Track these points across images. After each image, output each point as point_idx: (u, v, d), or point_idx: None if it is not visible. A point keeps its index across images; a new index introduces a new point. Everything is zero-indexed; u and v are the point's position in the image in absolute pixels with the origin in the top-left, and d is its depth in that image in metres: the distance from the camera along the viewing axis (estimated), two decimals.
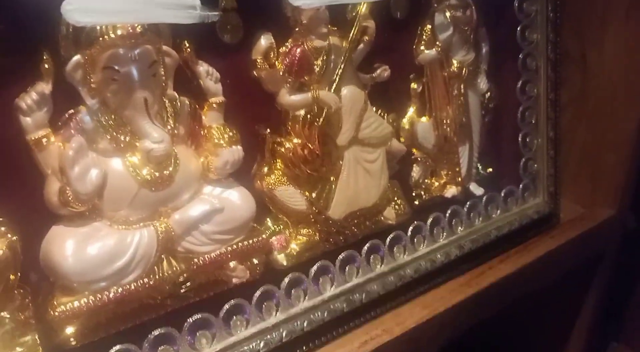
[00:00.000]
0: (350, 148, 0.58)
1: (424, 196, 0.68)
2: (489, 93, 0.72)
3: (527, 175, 0.72)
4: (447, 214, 0.65)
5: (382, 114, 0.62)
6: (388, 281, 0.59)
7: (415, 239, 0.62)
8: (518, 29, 0.68)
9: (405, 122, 0.65)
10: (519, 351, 0.95)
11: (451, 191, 0.69)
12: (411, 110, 0.65)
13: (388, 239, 0.60)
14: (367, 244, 0.58)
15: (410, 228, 0.62)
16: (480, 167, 0.73)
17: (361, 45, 0.57)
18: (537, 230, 0.73)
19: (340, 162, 0.58)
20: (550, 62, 0.69)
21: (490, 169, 0.73)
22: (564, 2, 0.75)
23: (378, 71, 0.60)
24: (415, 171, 0.67)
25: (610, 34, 0.74)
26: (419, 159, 0.67)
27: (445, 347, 0.62)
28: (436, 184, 0.69)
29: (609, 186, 0.79)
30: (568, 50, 0.79)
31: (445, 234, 0.65)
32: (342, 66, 0.55)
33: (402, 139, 0.65)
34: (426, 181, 0.68)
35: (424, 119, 0.66)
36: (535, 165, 0.73)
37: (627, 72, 0.73)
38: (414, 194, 0.67)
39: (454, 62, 0.66)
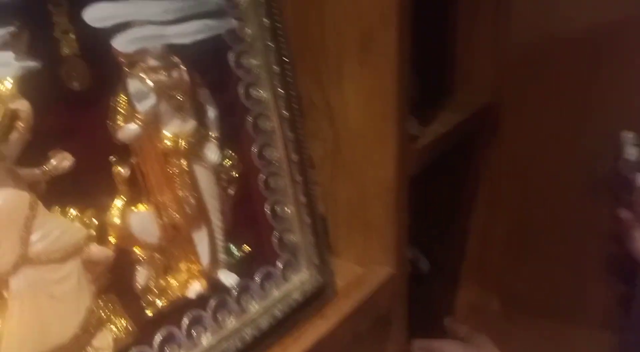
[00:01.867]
0: (20, 272, 0.42)
1: (159, 303, 0.54)
2: (229, 162, 0.61)
3: (284, 250, 0.62)
4: (185, 324, 0.52)
5: (72, 213, 0.47)
6: None
7: None
8: (240, 88, 0.58)
9: (112, 216, 0.51)
10: None
11: (194, 289, 0.56)
12: (120, 201, 0.52)
13: None
14: None
15: None
16: (233, 248, 0.62)
17: (14, 134, 0.43)
18: (307, 311, 0.63)
19: (5, 295, 0.42)
20: (286, 120, 0.61)
21: (248, 248, 0.62)
22: (299, 51, 0.69)
23: (53, 162, 0.46)
24: (140, 275, 0.53)
25: (347, 78, 0.69)
26: (142, 258, 0.53)
27: None
28: (175, 283, 0.56)
29: (381, 241, 0.73)
30: (313, 100, 0.72)
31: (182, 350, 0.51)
32: None
33: (111, 239, 0.51)
34: (160, 282, 0.55)
35: (140, 208, 0.53)
36: (293, 237, 0.63)
37: (372, 117, 0.68)
38: (144, 303, 0.53)
39: (167, 135, 0.54)
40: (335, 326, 0.62)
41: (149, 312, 0.52)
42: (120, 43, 0.47)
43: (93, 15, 0.45)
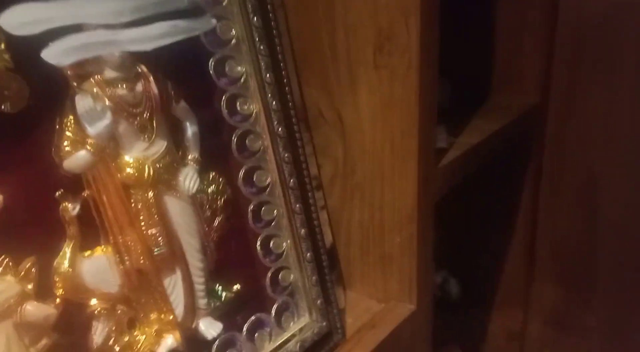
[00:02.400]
0: None
1: None
2: (212, 187, 0.52)
3: (279, 292, 0.52)
4: None
5: (6, 263, 0.38)
6: None
7: None
8: (223, 101, 0.48)
9: (60, 264, 0.42)
10: None
11: (165, 344, 0.47)
12: (69, 245, 0.43)
13: None
14: None
15: None
16: (218, 290, 0.52)
17: None
18: None
19: None
20: (281, 139, 0.50)
21: (237, 288, 0.52)
22: (303, 54, 0.58)
23: None
24: (98, 331, 0.44)
25: (361, 85, 0.58)
26: (99, 311, 0.44)
27: None
28: (142, 337, 0.47)
29: (401, 274, 0.62)
30: (321, 112, 0.61)
31: None
32: None
33: (59, 291, 0.42)
34: (124, 338, 0.46)
35: (97, 251, 0.44)
36: (290, 276, 0.53)
37: (390, 131, 0.57)
38: None
39: (129, 161, 0.44)
40: None
41: None
42: (52, 54, 0.37)
43: (15, 20, 0.36)
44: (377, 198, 0.61)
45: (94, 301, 0.44)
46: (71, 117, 0.41)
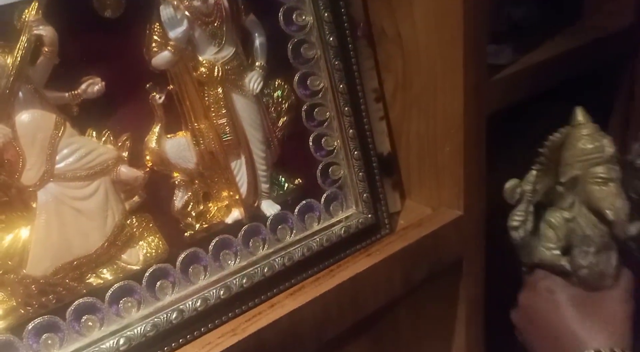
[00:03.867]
0: (47, 186, 0.47)
1: (197, 226, 0.56)
2: (278, 92, 0.60)
3: (329, 184, 0.60)
4: (212, 246, 0.54)
5: (107, 136, 0.51)
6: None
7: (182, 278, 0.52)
8: (280, 12, 0.56)
9: (151, 141, 0.54)
10: None
11: (232, 216, 0.58)
12: (157, 127, 0.54)
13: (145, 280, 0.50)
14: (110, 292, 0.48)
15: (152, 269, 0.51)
16: (281, 180, 0.62)
17: (41, 59, 0.46)
18: (352, 248, 0.61)
19: (34, 206, 0.47)
20: (332, 48, 0.57)
21: (299, 180, 0.62)
22: None
23: (83, 86, 0.49)
24: (178, 198, 0.56)
25: (418, 2, 0.62)
26: (180, 182, 0.56)
27: None
28: (214, 209, 0.58)
29: (452, 182, 0.67)
30: (384, 28, 0.67)
31: (208, 273, 0.53)
32: (10, 87, 0.44)
33: (148, 162, 0.53)
34: (200, 207, 0.57)
35: (179, 134, 0.55)
36: (341, 171, 0.61)
37: (441, 44, 0.61)
38: (182, 225, 0.56)
39: (202, 62, 0.54)
40: (380, 264, 0.59)
41: (183, 234, 0.55)
42: None
43: None
44: (431, 109, 0.66)
45: (175, 174, 0.55)
46: (157, 23, 0.52)
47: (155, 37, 0.52)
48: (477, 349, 0.76)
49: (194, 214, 0.56)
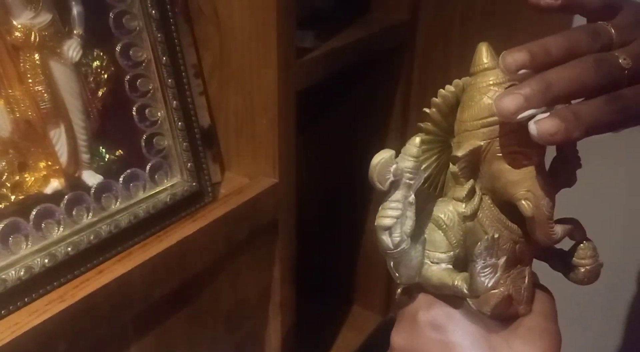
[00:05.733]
0: None
1: (12, 197, 0.54)
2: (97, 62, 0.60)
3: (153, 153, 0.63)
4: (32, 215, 0.53)
5: None
6: None
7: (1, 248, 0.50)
8: None
9: None
10: None
11: (52, 186, 0.57)
12: None
13: None
14: None
15: None
16: (102, 150, 0.62)
17: None
18: (177, 214, 0.64)
19: None
20: (154, 20, 0.59)
21: (119, 151, 0.62)
22: None
23: None
24: None
25: None
26: None
27: None
28: (31, 179, 0.56)
29: (267, 153, 0.74)
30: (200, 6, 0.70)
31: (30, 243, 0.52)
32: None
33: None
34: (15, 177, 0.55)
35: None
36: (165, 142, 0.64)
37: (256, 25, 0.67)
38: None
39: (17, 26, 0.53)
40: (205, 229, 0.63)
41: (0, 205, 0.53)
42: None
43: None
44: (247, 85, 0.71)
45: None
46: None
47: None
48: (289, 307, 0.84)
49: (8, 185, 0.54)
